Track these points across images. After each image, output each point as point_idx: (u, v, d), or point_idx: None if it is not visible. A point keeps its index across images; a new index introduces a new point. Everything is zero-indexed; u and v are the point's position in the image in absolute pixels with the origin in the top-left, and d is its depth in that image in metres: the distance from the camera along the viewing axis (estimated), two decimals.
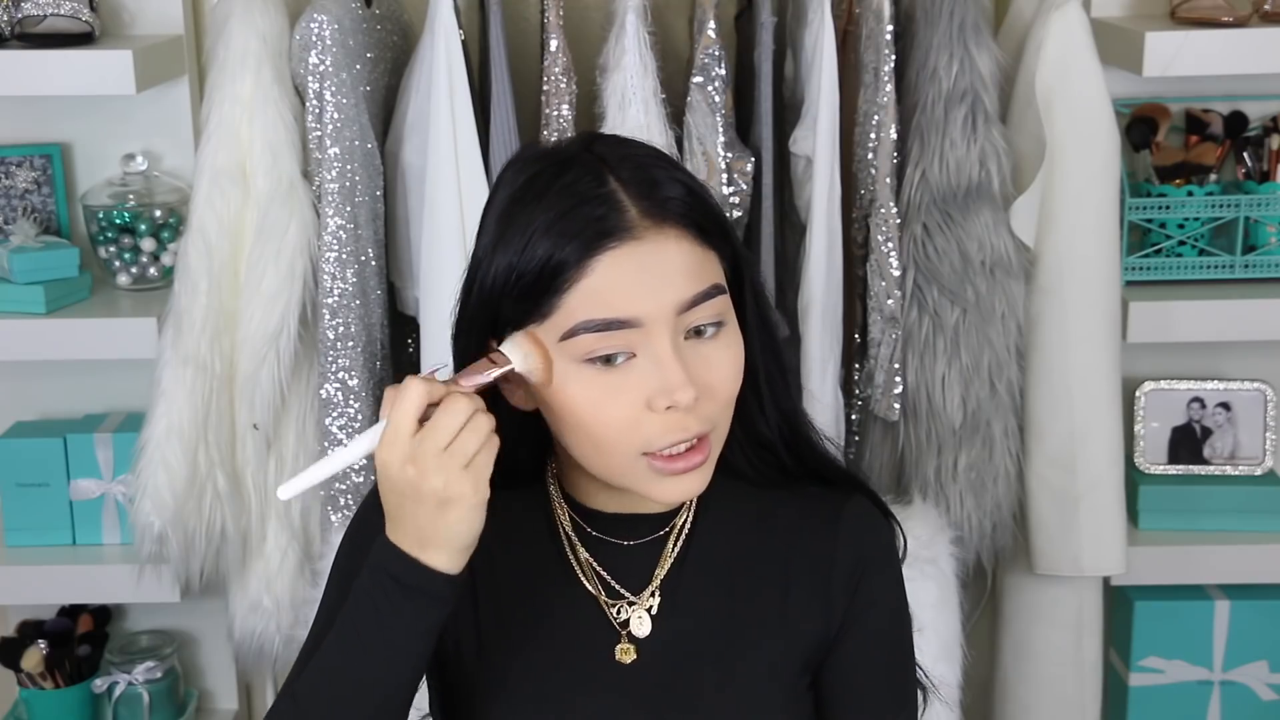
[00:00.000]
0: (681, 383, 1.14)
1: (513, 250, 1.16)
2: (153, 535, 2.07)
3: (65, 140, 2.36)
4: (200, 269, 2.04)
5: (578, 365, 1.15)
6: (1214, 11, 2.11)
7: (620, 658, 1.26)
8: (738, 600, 1.28)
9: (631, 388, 1.14)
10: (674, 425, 1.15)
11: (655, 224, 1.15)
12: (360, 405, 2.03)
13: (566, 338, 1.14)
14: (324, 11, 1.98)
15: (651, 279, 1.14)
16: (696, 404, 1.15)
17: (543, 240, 1.14)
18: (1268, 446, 2.36)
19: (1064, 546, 2.19)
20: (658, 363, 1.14)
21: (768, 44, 2.05)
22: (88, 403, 2.40)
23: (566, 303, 1.14)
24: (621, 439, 1.16)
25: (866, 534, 1.31)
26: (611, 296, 1.13)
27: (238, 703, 2.55)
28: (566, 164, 1.18)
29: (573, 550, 1.28)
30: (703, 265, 1.17)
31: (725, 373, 1.18)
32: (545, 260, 1.14)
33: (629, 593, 1.27)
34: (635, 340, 1.14)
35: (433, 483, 1.09)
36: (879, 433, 2.18)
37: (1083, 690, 2.30)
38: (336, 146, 2.00)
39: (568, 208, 1.15)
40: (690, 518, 1.30)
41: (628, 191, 1.16)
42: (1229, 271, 2.28)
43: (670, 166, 1.20)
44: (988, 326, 2.10)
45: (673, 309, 1.14)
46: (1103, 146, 2.10)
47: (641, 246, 1.14)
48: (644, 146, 1.23)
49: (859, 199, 2.12)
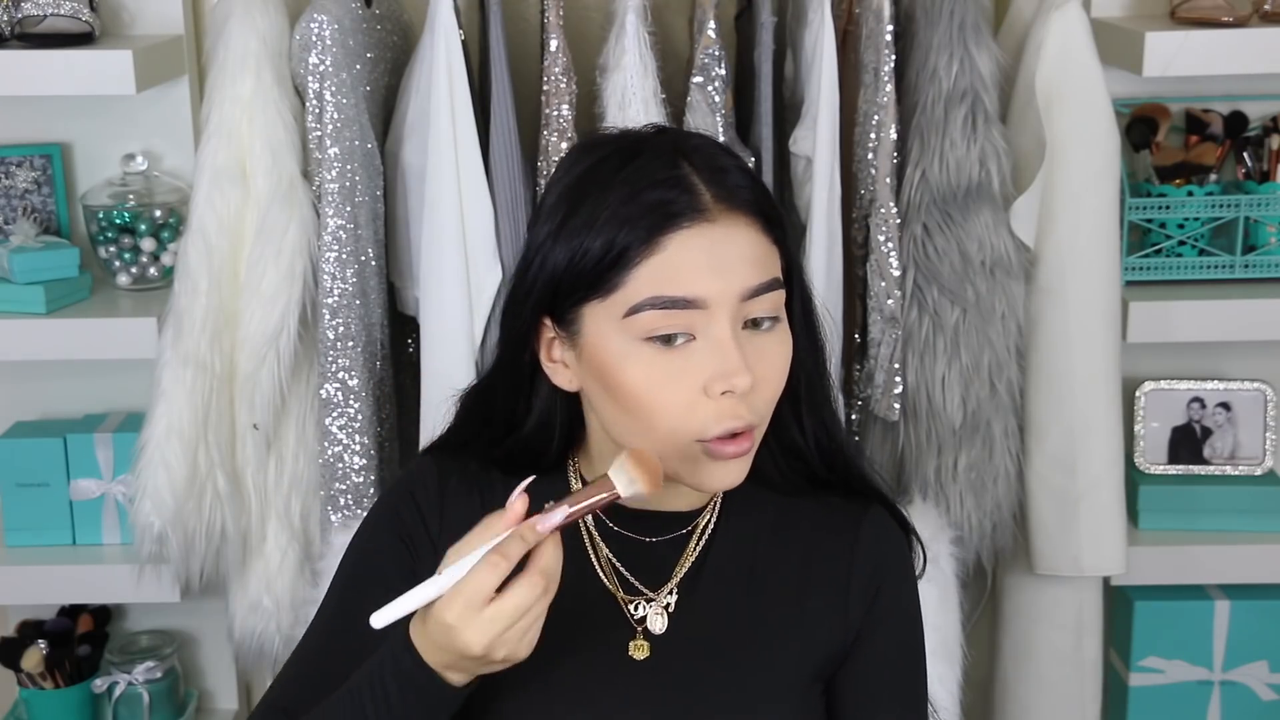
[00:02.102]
0: (740, 368, 1.15)
1: (581, 228, 1.17)
2: (153, 535, 2.07)
3: (65, 140, 2.36)
4: (200, 269, 2.04)
5: (638, 344, 1.16)
6: (1214, 11, 2.11)
7: (634, 654, 1.26)
8: (755, 603, 1.28)
9: (690, 371, 1.16)
10: (728, 412, 1.16)
11: (727, 209, 1.17)
12: (360, 405, 2.03)
13: (631, 314, 1.16)
14: (324, 11, 1.98)
15: (720, 262, 1.16)
16: (750, 393, 1.16)
17: (615, 218, 1.16)
18: (1268, 446, 2.36)
19: (1064, 546, 2.19)
20: (717, 347, 1.15)
21: (768, 44, 2.05)
22: (88, 403, 2.41)
23: (633, 279, 1.16)
24: (677, 422, 1.16)
25: (885, 545, 1.32)
26: (680, 275, 1.15)
27: (238, 703, 2.55)
28: (638, 148, 1.20)
29: (592, 544, 1.29)
30: (767, 256, 1.19)
31: (776, 368, 1.19)
32: (614, 237, 1.15)
33: (647, 589, 1.28)
34: (697, 322, 1.15)
35: (495, 655, 1.10)
36: (879, 433, 2.18)
37: (1083, 690, 2.30)
38: (336, 146, 2.00)
39: (641, 189, 1.16)
40: (714, 518, 1.30)
41: (700, 176, 1.17)
42: (1229, 271, 2.28)
43: (735, 158, 1.22)
44: (988, 326, 2.10)
45: (737, 295, 1.16)
46: (1103, 146, 2.10)
47: (714, 229, 1.16)
48: (709, 138, 1.25)
49: (859, 199, 2.12)
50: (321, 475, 2.05)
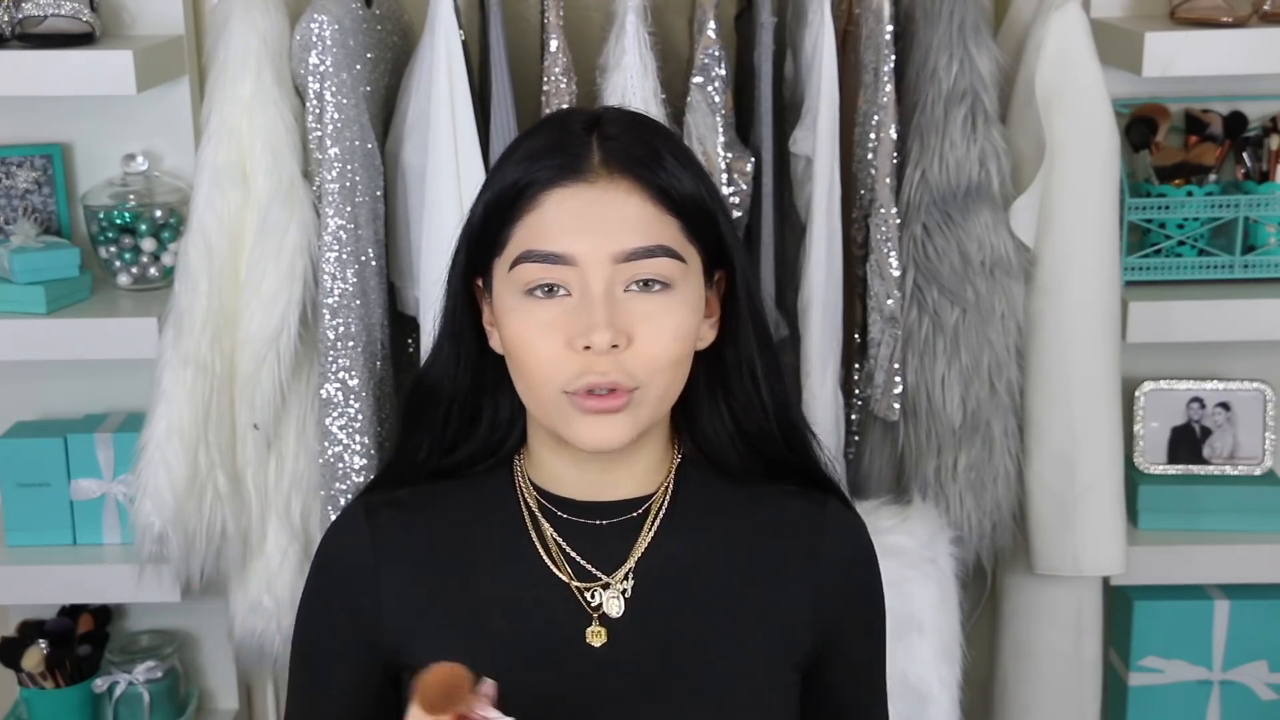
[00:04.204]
0: (599, 325, 1.17)
1: (495, 178, 1.24)
2: (153, 535, 2.07)
3: (66, 140, 2.36)
4: (200, 269, 2.04)
5: (521, 297, 1.20)
6: (1214, 12, 2.11)
7: (591, 641, 1.26)
8: (713, 588, 1.29)
9: (558, 324, 1.19)
10: (589, 367, 1.18)
11: (609, 173, 1.20)
12: (360, 405, 2.03)
13: (513, 266, 1.21)
14: (324, 12, 1.98)
15: (592, 222, 1.19)
16: (616, 353, 1.18)
17: (518, 166, 1.22)
18: (1267, 446, 2.36)
19: (1063, 546, 2.19)
20: (584, 304, 1.18)
21: (768, 44, 2.05)
22: (88, 403, 2.41)
23: (515, 233, 1.21)
24: (545, 374, 1.20)
25: (853, 534, 1.35)
26: (550, 231, 1.19)
27: (238, 702, 2.56)
28: (567, 118, 1.25)
29: (538, 532, 1.29)
30: (654, 225, 1.21)
31: (658, 332, 1.20)
32: (513, 184, 1.21)
33: (602, 574, 1.28)
34: (571, 278, 1.19)
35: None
36: (879, 433, 2.18)
37: (1082, 690, 2.30)
38: (337, 147, 2.00)
39: (539, 151, 1.22)
40: (667, 501, 1.30)
41: (599, 144, 1.22)
42: (1228, 271, 2.28)
43: (667, 141, 1.24)
44: (987, 326, 2.10)
45: (609, 256, 1.19)
46: (1102, 146, 2.10)
47: (590, 190, 1.20)
48: (656, 123, 1.28)
49: (859, 199, 2.12)
50: (322, 475, 2.05)
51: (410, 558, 1.29)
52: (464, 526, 1.31)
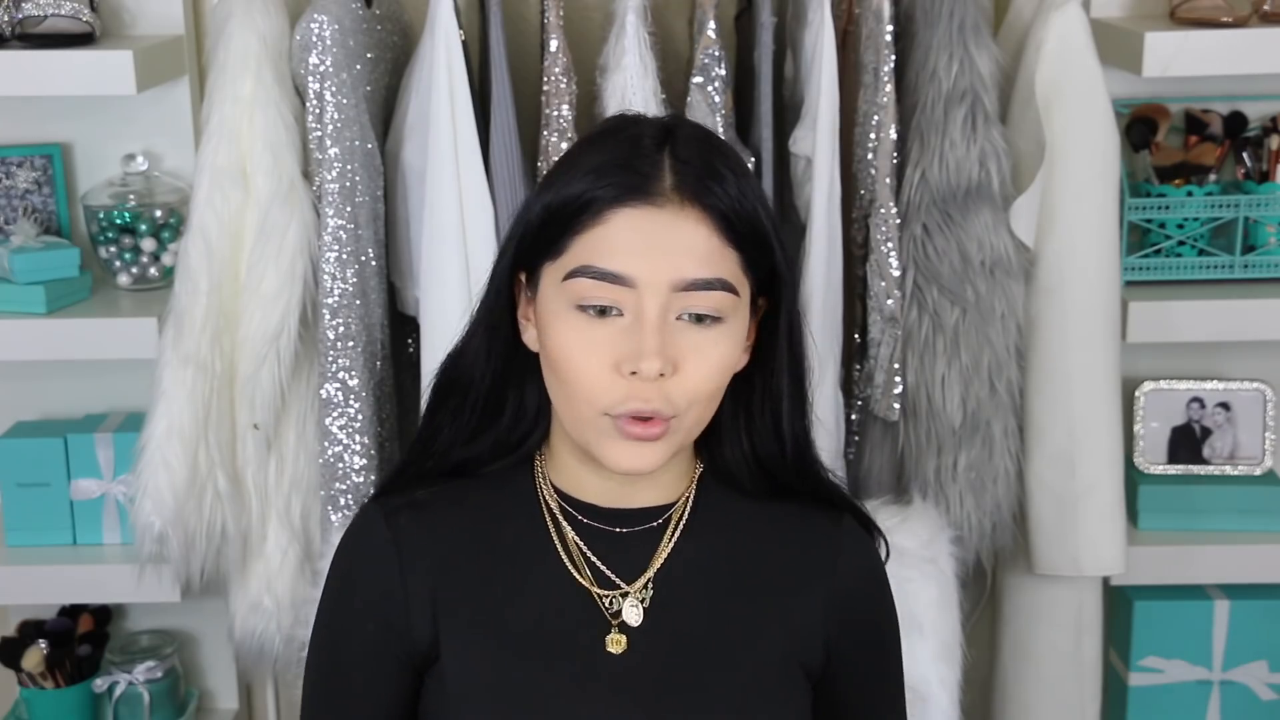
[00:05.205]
0: (650, 353, 1.16)
1: (553, 187, 1.21)
2: (153, 535, 2.07)
3: (66, 140, 2.36)
4: (200, 269, 2.04)
5: (571, 310, 1.19)
6: (1214, 12, 2.11)
7: (611, 648, 1.26)
8: (733, 597, 1.29)
9: (608, 345, 1.18)
10: (634, 393, 1.17)
11: (681, 200, 1.18)
12: (360, 405, 2.03)
13: (568, 278, 1.19)
14: (324, 12, 1.98)
15: (657, 247, 1.17)
16: (662, 381, 1.17)
17: (585, 177, 1.19)
18: (1267, 446, 2.36)
19: (1063, 546, 2.19)
20: (636, 328, 1.17)
21: (768, 44, 2.05)
22: (88, 403, 2.41)
23: (576, 245, 1.19)
24: (588, 392, 1.19)
25: (869, 550, 1.36)
26: (614, 250, 1.17)
27: (238, 702, 2.56)
28: (639, 128, 1.23)
29: (560, 536, 1.29)
30: (716, 257, 1.19)
31: (704, 364, 1.20)
32: (579, 195, 1.18)
33: (623, 582, 1.28)
34: (626, 300, 1.17)
35: None
36: (879, 433, 2.18)
37: (1082, 690, 2.30)
38: (337, 147, 2.00)
39: (611, 162, 1.19)
40: (688, 511, 1.30)
41: (672, 164, 1.19)
42: (1228, 271, 2.28)
43: (736, 168, 1.22)
44: (988, 326, 2.10)
45: (668, 283, 1.17)
46: (1102, 146, 2.10)
47: (659, 214, 1.18)
48: (713, 136, 1.27)
49: (859, 199, 2.12)
50: (322, 475, 2.05)
51: (433, 559, 1.29)
52: (485, 526, 1.30)
